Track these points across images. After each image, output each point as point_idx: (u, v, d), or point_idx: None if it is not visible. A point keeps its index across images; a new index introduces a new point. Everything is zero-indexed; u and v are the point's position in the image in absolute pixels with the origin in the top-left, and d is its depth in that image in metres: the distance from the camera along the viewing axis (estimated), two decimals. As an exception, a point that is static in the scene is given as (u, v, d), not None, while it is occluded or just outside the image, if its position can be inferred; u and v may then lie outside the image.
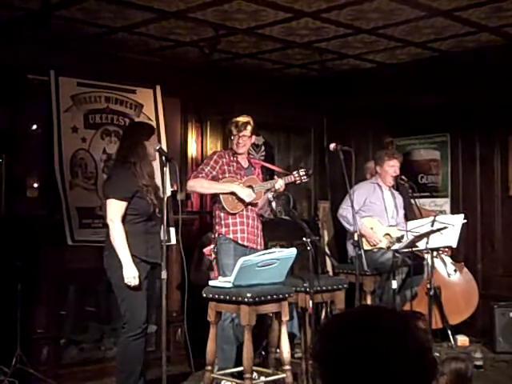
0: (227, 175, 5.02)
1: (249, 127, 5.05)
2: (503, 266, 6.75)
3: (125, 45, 5.88)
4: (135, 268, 4.23)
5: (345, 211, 5.93)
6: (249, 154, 5.38)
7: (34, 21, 4.94)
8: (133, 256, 4.25)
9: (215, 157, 5.07)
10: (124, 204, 4.28)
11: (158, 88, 6.12)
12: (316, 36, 5.77)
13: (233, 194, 4.97)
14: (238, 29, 5.51)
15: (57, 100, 5.47)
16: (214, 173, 5.00)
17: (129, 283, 4.21)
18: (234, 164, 5.08)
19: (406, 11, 5.08)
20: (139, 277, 4.24)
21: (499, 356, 5.91)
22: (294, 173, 5.20)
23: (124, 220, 4.29)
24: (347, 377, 1.38)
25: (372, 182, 6.27)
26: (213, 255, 5.00)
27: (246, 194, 4.96)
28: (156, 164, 4.59)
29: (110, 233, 4.28)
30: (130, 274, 4.21)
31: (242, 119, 5.07)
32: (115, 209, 4.27)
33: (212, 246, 5.02)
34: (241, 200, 4.98)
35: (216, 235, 5.02)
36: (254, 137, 5.15)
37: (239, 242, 4.96)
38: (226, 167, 5.04)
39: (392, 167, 6.12)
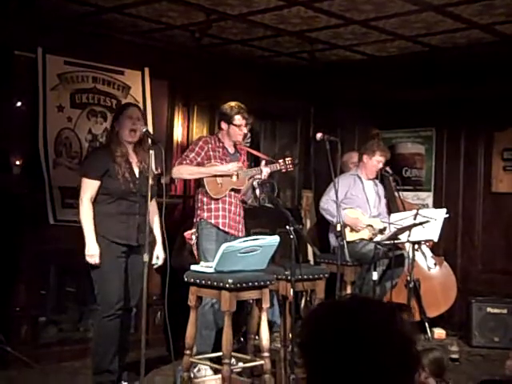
0: (213, 161, 5.00)
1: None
2: (482, 262, 6.81)
3: (114, 25, 5.82)
4: (97, 247, 4.29)
5: (326, 204, 5.93)
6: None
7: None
8: (102, 237, 4.32)
9: (200, 143, 5.04)
10: (95, 183, 4.34)
11: (147, 70, 6.07)
12: (307, 25, 5.75)
13: (217, 177, 4.95)
14: (230, 14, 5.47)
15: (43, 78, 5.42)
16: (199, 159, 4.97)
17: (89, 261, 4.29)
18: (220, 150, 5.06)
19: (397, 4, 5.08)
20: (106, 256, 4.29)
21: (475, 350, 5.99)
22: (280, 161, 5.19)
23: (96, 200, 4.35)
24: (332, 365, 1.38)
25: (352, 173, 6.24)
26: (194, 239, 5.00)
27: (229, 167, 4.92)
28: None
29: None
30: (90, 252, 4.29)
31: (243, 107, 5.04)
32: (85, 188, 4.36)
33: (193, 230, 5.02)
34: (225, 184, 4.96)
35: (198, 219, 5.02)
36: None
37: (220, 227, 4.96)
38: (211, 153, 5.01)
39: (379, 162, 6.10)
